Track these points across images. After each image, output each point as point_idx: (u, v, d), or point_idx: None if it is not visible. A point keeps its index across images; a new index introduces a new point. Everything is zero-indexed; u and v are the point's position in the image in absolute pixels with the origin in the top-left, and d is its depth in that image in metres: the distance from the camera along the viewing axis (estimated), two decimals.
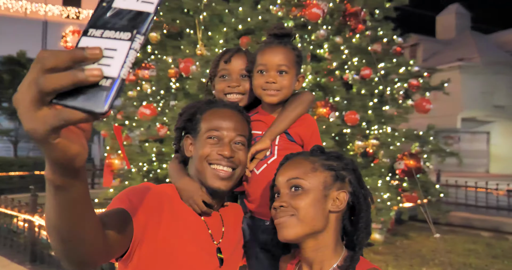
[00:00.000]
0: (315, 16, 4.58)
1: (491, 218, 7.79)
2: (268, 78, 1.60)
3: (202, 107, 1.45)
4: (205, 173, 1.36)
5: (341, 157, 1.32)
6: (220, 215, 1.47)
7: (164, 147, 5.33)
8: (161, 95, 6.08)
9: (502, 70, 24.01)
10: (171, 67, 5.81)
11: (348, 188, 1.25)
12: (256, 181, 1.63)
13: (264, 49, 1.65)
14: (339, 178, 1.25)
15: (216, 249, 1.38)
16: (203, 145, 1.37)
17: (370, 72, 5.82)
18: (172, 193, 1.38)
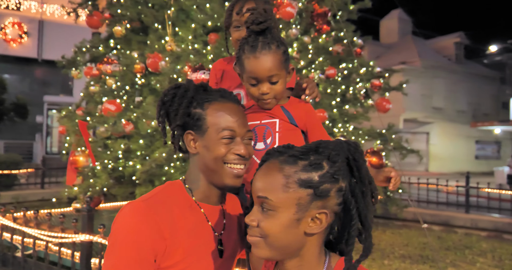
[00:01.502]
0: (289, 15, 4.66)
1: (441, 213, 8.24)
2: (262, 89, 1.60)
3: (196, 98, 1.39)
4: (221, 172, 1.36)
5: (332, 156, 1.07)
6: (223, 207, 1.47)
7: (132, 144, 5.21)
8: (126, 90, 5.92)
9: (440, 74, 25.41)
10: (136, 62, 5.68)
11: (332, 204, 1.05)
12: None
13: (250, 58, 1.58)
14: (319, 196, 1.03)
15: (218, 240, 1.38)
16: (217, 146, 1.35)
17: (335, 72, 5.99)
18: (165, 198, 1.33)
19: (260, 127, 1.69)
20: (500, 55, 27.57)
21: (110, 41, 6.36)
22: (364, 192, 1.08)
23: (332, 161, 1.05)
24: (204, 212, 1.38)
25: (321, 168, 1.04)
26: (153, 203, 1.28)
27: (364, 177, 1.08)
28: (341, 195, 1.05)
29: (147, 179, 5.36)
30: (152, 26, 5.63)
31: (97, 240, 3.38)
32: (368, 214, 1.07)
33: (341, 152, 1.07)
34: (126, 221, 1.23)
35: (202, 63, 4.90)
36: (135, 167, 5.40)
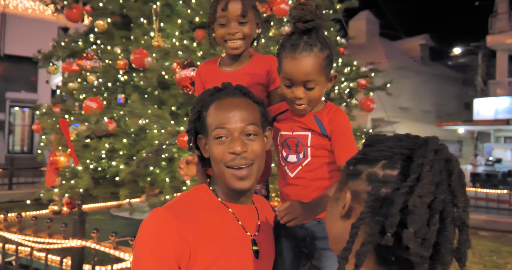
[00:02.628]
0: (283, 12, 4.57)
1: None
2: (296, 93, 1.52)
3: (206, 101, 1.37)
4: (224, 176, 1.32)
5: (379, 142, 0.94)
6: (256, 207, 1.45)
7: (116, 143, 4.99)
8: (108, 87, 5.68)
9: (406, 74, 26.01)
10: (119, 58, 5.46)
11: (361, 190, 0.91)
12: (291, 183, 1.62)
13: (288, 58, 1.50)
14: (349, 174, 0.96)
15: (251, 240, 1.35)
16: (213, 147, 1.32)
17: None
18: (189, 202, 1.33)
19: (292, 140, 1.60)
20: (463, 57, 28.45)
21: (90, 36, 6.08)
22: (405, 191, 0.84)
23: (379, 144, 0.94)
24: (232, 211, 1.35)
25: (367, 148, 0.96)
26: (175, 209, 1.27)
27: (412, 173, 0.85)
28: (372, 182, 0.90)
29: (131, 180, 5.18)
30: (137, 21, 5.42)
31: (90, 246, 3.19)
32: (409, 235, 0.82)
33: (396, 140, 0.94)
34: (148, 230, 1.23)
35: (191, 60, 4.75)
36: (118, 167, 5.19)
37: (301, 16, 1.48)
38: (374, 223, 0.87)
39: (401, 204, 0.84)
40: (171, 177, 5.06)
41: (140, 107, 4.73)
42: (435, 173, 0.85)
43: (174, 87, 5.16)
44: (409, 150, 0.90)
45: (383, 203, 0.88)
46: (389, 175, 0.89)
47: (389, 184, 0.88)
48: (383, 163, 0.91)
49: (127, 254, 2.99)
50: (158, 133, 4.68)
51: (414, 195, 0.83)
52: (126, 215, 5.86)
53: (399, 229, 0.83)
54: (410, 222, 0.82)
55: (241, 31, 1.81)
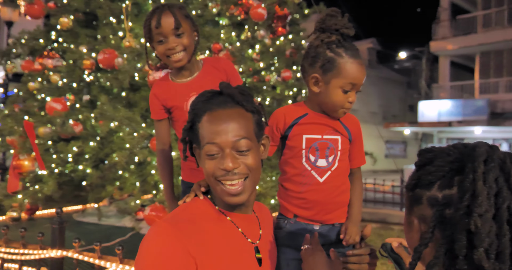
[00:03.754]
0: (260, 16, 4.59)
1: (378, 211, 8.69)
2: (352, 97, 1.56)
3: (199, 110, 1.31)
4: (216, 191, 1.29)
5: (434, 158, 0.93)
6: (257, 217, 1.43)
7: (85, 146, 4.80)
8: (72, 88, 5.45)
9: None
10: (85, 58, 5.25)
11: (427, 214, 0.91)
12: (319, 189, 1.61)
13: (354, 63, 1.53)
14: (413, 201, 0.96)
15: (254, 248, 1.33)
16: (204, 162, 1.28)
17: (290, 74, 6.03)
18: (190, 213, 1.30)
19: (323, 143, 1.60)
20: (408, 61, 29.74)
21: (51, 33, 5.80)
22: (471, 215, 0.82)
23: (430, 164, 0.93)
24: (231, 219, 1.32)
25: (419, 170, 0.95)
26: (177, 222, 1.23)
27: (466, 191, 0.84)
28: (433, 206, 0.90)
29: (100, 184, 5.00)
30: (106, 20, 5.23)
31: (72, 256, 3.05)
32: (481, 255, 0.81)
33: (444, 155, 0.92)
34: (152, 245, 1.18)
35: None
36: (85, 171, 5.00)
37: (345, 23, 1.56)
38: (439, 246, 0.87)
39: (463, 225, 0.83)
40: (141, 181, 4.94)
41: (111, 110, 4.58)
42: (490, 184, 0.83)
43: (144, 89, 5.05)
44: (459, 163, 0.89)
45: (447, 225, 0.87)
46: (448, 195, 0.88)
47: (451, 205, 0.87)
48: (439, 184, 0.90)
49: (114, 264, 2.89)
50: (130, 136, 4.56)
51: (473, 215, 0.81)
52: (91, 221, 5.65)
53: (469, 249, 0.82)
54: (478, 242, 0.81)
55: (180, 43, 1.84)
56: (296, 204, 1.64)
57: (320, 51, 1.55)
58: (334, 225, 1.65)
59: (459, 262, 0.83)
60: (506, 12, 19.20)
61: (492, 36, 19.29)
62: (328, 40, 1.54)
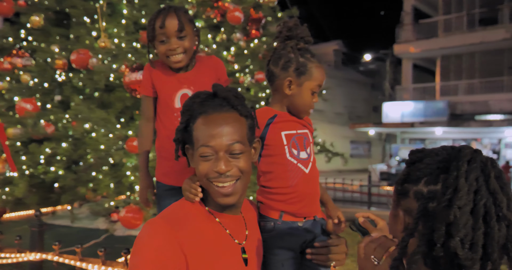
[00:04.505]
0: (237, 20, 4.65)
1: (347, 210, 8.88)
2: (316, 98, 1.73)
3: (194, 112, 1.35)
4: (209, 191, 1.34)
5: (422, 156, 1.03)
6: (244, 217, 1.47)
7: (58, 148, 4.72)
8: (43, 88, 5.33)
9: None
10: (57, 58, 5.16)
11: (414, 208, 1.00)
12: (307, 179, 1.71)
13: (320, 68, 1.71)
14: (400, 194, 1.05)
15: (241, 249, 1.38)
16: (198, 163, 1.32)
17: (264, 76, 6.11)
18: (183, 213, 1.35)
19: (299, 137, 1.72)
20: (373, 63, 30.43)
21: (21, 31, 5.66)
22: (444, 204, 0.93)
23: (419, 162, 1.03)
24: (220, 221, 1.37)
25: (408, 167, 1.06)
26: (171, 219, 1.29)
27: (449, 186, 0.93)
28: (419, 200, 0.99)
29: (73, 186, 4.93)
30: (79, 19, 5.16)
31: (52, 259, 3.02)
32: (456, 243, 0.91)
33: (433, 154, 1.02)
34: (147, 241, 1.22)
35: (140, 63, 4.64)
36: (57, 172, 4.91)
37: (307, 33, 1.72)
38: (421, 236, 0.97)
39: (443, 216, 0.93)
40: (116, 182, 4.90)
41: (85, 111, 4.53)
42: (471, 182, 0.93)
43: (119, 90, 5.00)
44: (445, 163, 0.99)
45: (430, 217, 0.96)
46: (432, 190, 0.97)
47: (434, 198, 0.96)
48: (425, 180, 0.99)
49: (96, 266, 2.88)
50: (106, 137, 4.51)
51: (453, 207, 0.91)
52: (62, 223, 5.55)
53: (447, 238, 0.93)
54: (455, 232, 0.91)
55: (182, 45, 1.91)
56: (283, 200, 1.68)
57: (292, 57, 1.67)
58: (315, 220, 1.73)
59: (436, 250, 0.93)
60: (465, 18, 19.99)
61: (452, 41, 20.05)
62: (299, 46, 1.68)
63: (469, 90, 20.11)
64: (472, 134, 20.53)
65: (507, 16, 18.71)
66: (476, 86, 19.88)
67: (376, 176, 18.56)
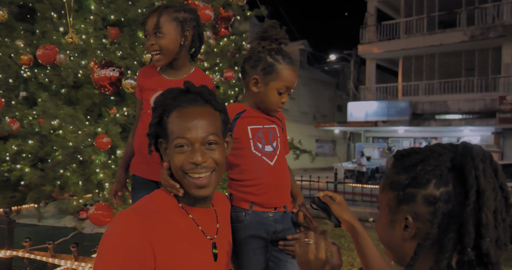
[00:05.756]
0: (207, 18, 4.67)
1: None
2: (284, 99, 1.80)
3: (168, 106, 1.37)
4: (184, 183, 1.36)
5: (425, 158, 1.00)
6: (215, 210, 1.50)
7: (25, 145, 4.63)
8: (7, 84, 5.21)
9: None
10: (22, 53, 5.04)
11: (423, 212, 0.97)
12: (272, 171, 1.80)
13: (290, 69, 1.77)
14: (402, 200, 1.00)
15: (212, 244, 1.40)
16: (173, 155, 1.34)
17: (232, 74, 6.17)
18: (155, 206, 1.36)
19: (265, 131, 1.81)
20: (337, 63, 30.98)
21: None
22: (474, 205, 0.92)
23: (423, 164, 0.99)
24: (193, 217, 1.39)
25: (411, 170, 1.00)
26: (143, 211, 1.30)
27: (471, 187, 0.92)
28: (432, 204, 0.96)
29: (39, 184, 4.84)
30: (45, 14, 5.06)
31: (23, 255, 2.99)
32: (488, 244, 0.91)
33: (436, 155, 1.00)
34: (116, 229, 1.24)
35: (109, 59, 4.62)
36: (23, 170, 4.82)
37: (283, 35, 1.79)
38: (447, 240, 0.94)
39: (473, 219, 0.90)
40: (84, 180, 4.85)
41: (53, 107, 4.46)
42: (490, 180, 0.93)
43: (88, 86, 4.95)
44: (451, 162, 0.97)
45: (449, 219, 0.94)
46: (445, 192, 0.95)
47: (450, 201, 0.94)
48: (435, 183, 0.96)
49: (68, 262, 2.87)
50: (74, 134, 4.46)
51: (484, 209, 0.90)
52: (28, 222, 5.44)
53: (478, 240, 0.91)
54: (486, 234, 0.90)
55: (157, 43, 1.95)
56: (251, 191, 1.77)
57: (261, 56, 1.75)
58: (286, 212, 1.82)
59: (468, 254, 0.91)
60: (425, 20, 20.65)
61: (413, 42, 20.68)
62: (269, 47, 1.75)
63: (429, 90, 20.80)
64: (432, 133, 21.26)
65: (464, 20, 19.45)
66: (436, 86, 20.58)
67: (341, 174, 18.96)
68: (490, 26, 18.59)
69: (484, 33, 18.72)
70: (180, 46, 1.97)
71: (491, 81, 19.13)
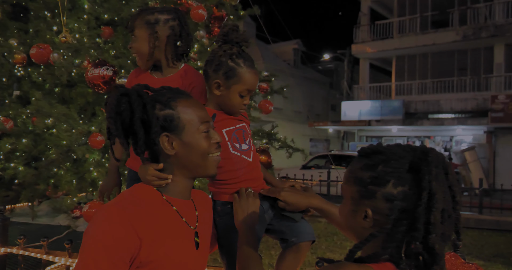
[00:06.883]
0: (200, 17, 4.70)
1: None
2: (247, 101, 1.84)
3: (170, 100, 1.41)
4: (206, 165, 1.45)
5: (387, 159, 1.12)
6: (192, 200, 1.55)
7: (18, 143, 4.65)
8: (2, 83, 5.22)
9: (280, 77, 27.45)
10: (16, 52, 5.05)
11: (382, 207, 1.10)
12: (251, 168, 1.87)
13: (251, 73, 1.79)
14: (364, 195, 1.13)
15: (194, 233, 1.46)
16: (199, 141, 1.42)
17: None
18: (136, 199, 1.38)
19: (238, 131, 1.87)
20: (331, 63, 31.06)
21: None
22: (425, 206, 1.05)
23: (384, 165, 1.11)
24: (176, 208, 1.43)
25: (373, 169, 1.12)
26: (125, 205, 1.33)
27: (424, 189, 1.05)
28: (389, 201, 1.09)
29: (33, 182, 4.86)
30: (40, 13, 5.07)
31: (18, 252, 3.01)
32: (434, 239, 1.05)
33: (397, 157, 1.11)
34: (100, 225, 1.25)
35: (103, 58, 4.64)
36: (17, 169, 4.83)
37: (246, 37, 1.81)
38: (397, 232, 1.08)
39: (422, 218, 1.04)
40: (78, 178, 4.87)
41: (47, 106, 4.48)
42: (441, 183, 1.06)
43: (81, 85, 4.97)
44: (409, 164, 1.09)
45: (403, 215, 1.07)
46: (402, 191, 1.08)
47: (405, 199, 1.07)
48: (393, 182, 1.09)
49: (63, 259, 2.90)
50: (68, 133, 4.48)
51: (433, 210, 1.04)
52: (22, 220, 5.45)
53: (426, 235, 1.05)
54: (433, 230, 1.04)
55: (132, 46, 2.01)
56: (234, 188, 1.82)
57: (223, 60, 1.77)
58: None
59: (417, 246, 1.05)
60: (418, 20, 20.77)
61: (406, 42, 20.79)
62: (230, 51, 1.78)
63: (422, 90, 20.93)
64: (425, 132, 21.38)
65: (457, 19, 19.58)
66: (429, 86, 20.71)
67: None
68: (482, 26, 18.72)
69: (476, 33, 18.85)
70: (151, 48, 1.97)
71: (483, 80, 19.28)
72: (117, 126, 1.39)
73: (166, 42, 2.00)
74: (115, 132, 1.39)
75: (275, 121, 27.02)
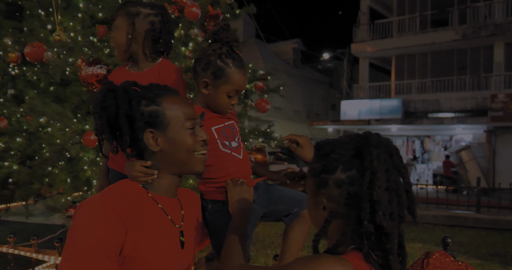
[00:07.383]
0: (194, 16, 4.70)
1: None
2: (235, 101, 1.81)
3: (156, 96, 1.41)
4: (191, 162, 1.44)
5: (334, 147, 1.17)
6: (178, 199, 1.54)
7: (12, 142, 4.64)
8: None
9: (280, 76, 27.43)
10: (10, 50, 5.05)
11: (336, 194, 1.14)
12: (242, 164, 1.87)
13: (240, 74, 1.76)
14: (319, 185, 1.17)
15: (179, 232, 1.45)
16: (184, 137, 1.41)
17: None
18: (122, 194, 1.37)
19: (227, 129, 1.86)
20: (330, 62, 31.03)
21: None
22: (368, 185, 1.08)
23: (332, 153, 1.16)
24: (162, 206, 1.42)
25: (324, 159, 1.17)
26: (112, 198, 1.32)
27: (366, 170, 1.09)
28: (339, 186, 1.12)
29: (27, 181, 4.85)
30: (33, 12, 5.07)
31: (8, 251, 3.00)
32: (381, 217, 1.07)
33: (343, 144, 1.16)
34: (87, 217, 1.24)
35: (97, 57, 4.63)
36: (11, 168, 4.82)
37: (236, 37, 1.78)
38: (351, 217, 1.11)
39: (367, 197, 1.07)
40: (72, 177, 4.86)
41: (40, 105, 4.47)
42: (382, 163, 1.09)
43: (76, 84, 4.96)
44: (355, 150, 1.13)
45: (354, 199, 1.10)
46: (350, 176, 1.11)
47: (353, 183, 1.11)
48: (341, 168, 1.12)
49: (52, 257, 2.89)
50: (62, 131, 4.48)
51: (375, 188, 1.07)
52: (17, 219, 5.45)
53: (372, 214, 1.08)
54: (379, 208, 1.07)
55: (110, 34, 2.00)
56: (224, 186, 1.80)
57: (211, 60, 1.74)
58: None
59: (365, 226, 1.07)
60: (418, 19, 20.74)
61: (405, 41, 20.75)
62: (219, 51, 1.74)
63: (421, 89, 20.90)
64: (425, 131, 21.35)
65: (456, 18, 19.55)
66: (428, 85, 20.68)
67: None
68: (481, 25, 18.69)
69: (476, 31, 18.82)
70: (128, 39, 1.94)
71: (483, 79, 19.24)
72: (102, 121, 1.38)
73: (144, 36, 1.97)
74: (100, 127, 1.39)
75: (275, 120, 27.06)
